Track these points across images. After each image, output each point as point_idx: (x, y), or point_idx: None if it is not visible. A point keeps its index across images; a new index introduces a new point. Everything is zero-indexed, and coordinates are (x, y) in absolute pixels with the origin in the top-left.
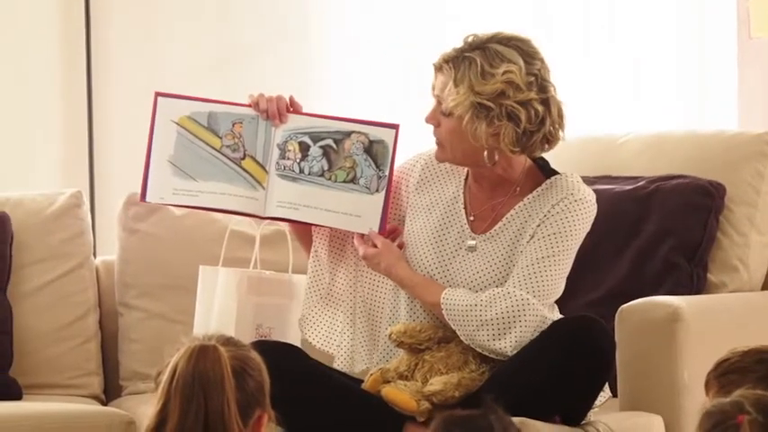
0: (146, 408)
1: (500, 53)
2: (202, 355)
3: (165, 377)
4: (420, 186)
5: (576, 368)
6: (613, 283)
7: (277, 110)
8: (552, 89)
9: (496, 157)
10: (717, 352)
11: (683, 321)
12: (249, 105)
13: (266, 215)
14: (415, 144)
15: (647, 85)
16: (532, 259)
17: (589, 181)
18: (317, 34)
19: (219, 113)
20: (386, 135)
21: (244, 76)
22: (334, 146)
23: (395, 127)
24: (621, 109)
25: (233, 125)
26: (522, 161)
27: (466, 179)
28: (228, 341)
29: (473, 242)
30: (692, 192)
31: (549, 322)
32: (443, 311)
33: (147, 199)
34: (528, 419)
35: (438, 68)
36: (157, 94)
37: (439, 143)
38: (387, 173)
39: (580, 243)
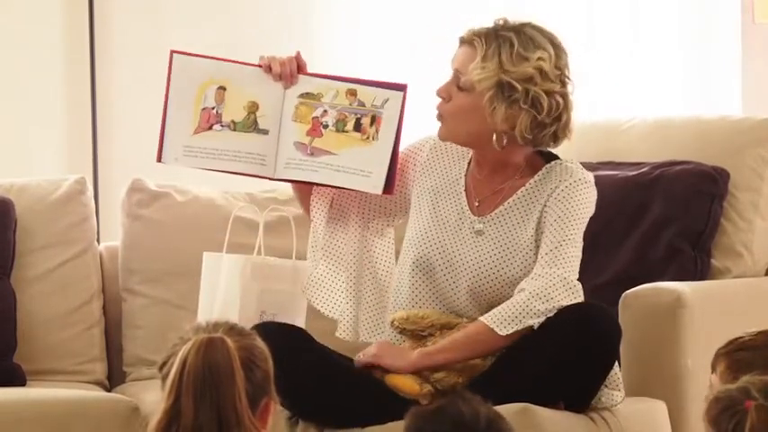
0: (150, 394)
1: (534, 39)
2: (211, 348)
3: (173, 372)
4: (426, 168)
5: (581, 356)
6: (617, 269)
7: (289, 72)
8: (571, 87)
9: (504, 142)
10: (720, 338)
11: (686, 307)
12: (260, 66)
13: (276, 177)
14: (421, 120)
15: (650, 71)
16: (551, 247)
17: (592, 166)
18: (323, 14)
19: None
20: (393, 96)
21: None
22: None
23: (402, 88)
24: (625, 94)
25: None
26: (525, 147)
27: (469, 163)
28: (233, 329)
29: (480, 226)
30: (696, 177)
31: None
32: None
33: (163, 160)
34: (532, 405)
35: (466, 42)
36: (173, 52)
37: (441, 118)
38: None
39: (585, 224)
